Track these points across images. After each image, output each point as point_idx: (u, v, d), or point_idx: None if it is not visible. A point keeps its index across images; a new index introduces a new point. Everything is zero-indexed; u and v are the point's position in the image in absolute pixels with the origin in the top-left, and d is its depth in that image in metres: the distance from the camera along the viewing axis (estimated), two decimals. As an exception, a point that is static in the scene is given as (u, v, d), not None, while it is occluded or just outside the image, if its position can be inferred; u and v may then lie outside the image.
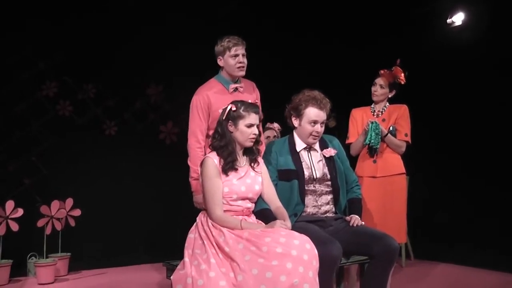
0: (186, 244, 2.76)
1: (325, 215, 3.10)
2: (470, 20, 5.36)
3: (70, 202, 4.80)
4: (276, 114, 4.00)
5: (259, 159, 2.99)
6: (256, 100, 3.41)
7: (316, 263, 2.55)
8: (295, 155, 3.13)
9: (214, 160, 2.82)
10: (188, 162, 3.43)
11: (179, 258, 2.77)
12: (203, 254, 2.64)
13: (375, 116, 4.06)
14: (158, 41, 5.60)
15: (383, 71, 4.02)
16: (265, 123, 4.41)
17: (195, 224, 2.85)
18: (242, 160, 2.91)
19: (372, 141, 3.87)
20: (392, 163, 3.96)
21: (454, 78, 5.34)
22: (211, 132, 3.18)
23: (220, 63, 3.45)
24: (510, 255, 4.63)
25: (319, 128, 3.10)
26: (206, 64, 3.73)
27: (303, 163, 3.11)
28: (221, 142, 2.86)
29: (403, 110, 4.01)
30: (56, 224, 4.68)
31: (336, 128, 5.41)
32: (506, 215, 4.94)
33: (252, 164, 2.92)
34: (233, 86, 3.44)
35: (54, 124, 5.46)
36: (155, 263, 4.94)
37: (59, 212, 4.70)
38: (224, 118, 2.88)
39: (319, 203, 3.10)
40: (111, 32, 5.48)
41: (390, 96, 4.05)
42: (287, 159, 3.12)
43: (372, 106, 4.11)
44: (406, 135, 3.97)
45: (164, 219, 5.60)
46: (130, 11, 5.53)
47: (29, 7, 5.22)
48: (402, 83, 3.99)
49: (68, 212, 4.79)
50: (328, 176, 3.12)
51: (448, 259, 4.95)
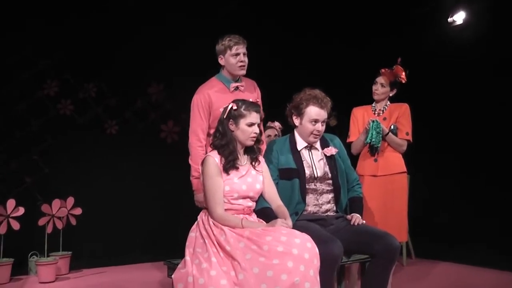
0: (187, 243, 2.76)
1: (326, 214, 3.10)
2: (471, 19, 5.35)
3: (71, 201, 4.81)
4: (276, 114, 4.00)
5: (260, 158, 2.99)
6: (257, 99, 3.42)
7: (317, 262, 2.55)
8: (296, 154, 3.13)
9: (215, 158, 2.82)
10: (189, 161, 3.44)
11: (180, 256, 2.77)
12: (204, 252, 2.64)
13: (376, 114, 4.06)
14: (159, 40, 5.59)
15: (384, 69, 4.02)
16: (266, 122, 4.41)
17: (196, 222, 2.85)
18: (243, 159, 2.92)
19: (373, 139, 3.87)
20: (393, 161, 3.96)
21: (455, 77, 5.33)
22: (212, 131, 3.18)
23: (221, 62, 3.44)
24: (510, 254, 4.63)
25: (320, 127, 3.10)
26: (206, 63, 3.74)
27: (304, 162, 3.12)
28: (222, 140, 2.86)
29: (404, 109, 4.01)
30: (57, 223, 4.69)
31: (337, 126, 5.43)
32: (506, 215, 4.94)
33: (253, 163, 2.93)
34: (234, 85, 3.44)
35: (55, 123, 5.46)
36: (156, 261, 4.93)
37: (60, 211, 4.71)
38: (225, 117, 2.88)
39: (320, 202, 3.10)
40: (111, 32, 5.47)
41: (391, 95, 4.05)
42: (288, 158, 3.12)
43: (373, 105, 4.11)
44: (407, 133, 3.96)
45: (165, 218, 5.59)
46: (130, 11, 5.53)
47: (29, 7, 5.21)
48: (403, 82, 3.99)
49: (69, 211, 4.80)
50: (329, 175, 3.12)
51: (449, 258, 4.96)
